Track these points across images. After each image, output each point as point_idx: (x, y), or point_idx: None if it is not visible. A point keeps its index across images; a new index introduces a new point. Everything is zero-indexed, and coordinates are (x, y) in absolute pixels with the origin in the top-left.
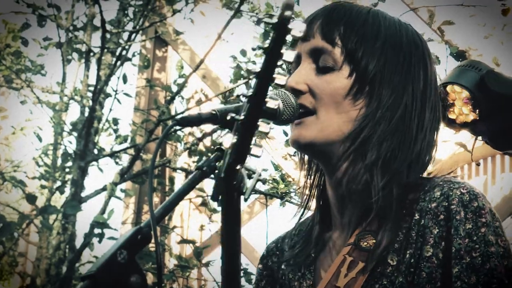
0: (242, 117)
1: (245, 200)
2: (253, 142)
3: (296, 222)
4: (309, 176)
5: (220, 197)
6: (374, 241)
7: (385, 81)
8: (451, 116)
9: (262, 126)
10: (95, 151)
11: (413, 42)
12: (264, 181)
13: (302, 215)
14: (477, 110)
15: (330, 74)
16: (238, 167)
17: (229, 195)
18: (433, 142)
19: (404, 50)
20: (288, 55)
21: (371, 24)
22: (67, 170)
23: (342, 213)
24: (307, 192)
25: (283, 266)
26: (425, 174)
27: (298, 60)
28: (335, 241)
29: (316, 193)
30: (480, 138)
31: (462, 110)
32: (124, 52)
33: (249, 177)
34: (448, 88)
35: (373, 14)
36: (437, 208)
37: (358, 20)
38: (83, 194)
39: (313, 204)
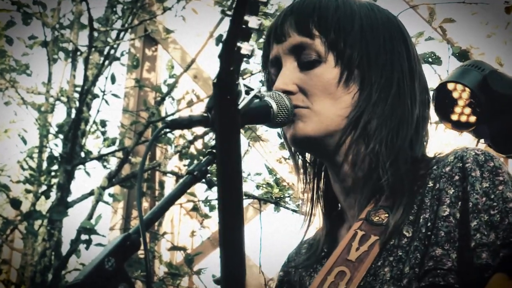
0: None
1: (239, 112)
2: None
3: (304, 231)
4: (307, 183)
5: (213, 110)
6: (386, 215)
7: (372, 63)
8: (453, 117)
9: (251, 21)
10: (82, 154)
11: (387, 19)
12: (261, 98)
13: (309, 223)
14: (479, 111)
15: (317, 67)
16: (231, 68)
17: (223, 106)
18: (427, 114)
19: (381, 28)
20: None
21: (343, 8)
22: (53, 174)
23: (352, 203)
24: (309, 198)
25: (299, 269)
26: None
27: (277, 63)
28: (345, 233)
29: (318, 196)
30: (482, 141)
31: (464, 111)
32: (112, 51)
33: (247, 93)
34: (451, 86)
35: None
36: (452, 170)
37: (329, 7)
38: (69, 199)
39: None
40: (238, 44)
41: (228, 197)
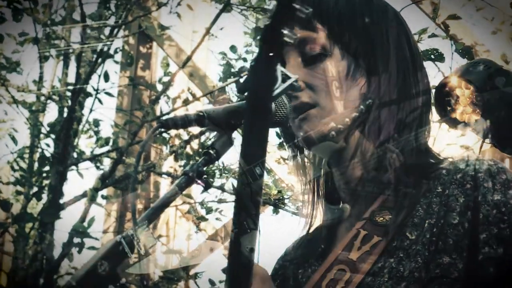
0: None
1: (273, 99)
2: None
3: (305, 231)
4: (307, 182)
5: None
6: (390, 216)
7: (377, 54)
8: (453, 115)
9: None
10: (75, 155)
11: (385, 8)
12: (297, 87)
13: (310, 224)
14: (482, 110)
15: (323, 62)
16: (270, 54)
17: (257, 91)
18: (430, 104)
19: (381, 18)
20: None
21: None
22: (44, 175)
23: (356, 201)
24: (310, 198)
25: (294, 263)
26: None
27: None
28: (346, 230)
29: (318, 195)
30: (487, 140)
31: (466, 109)
32: (105, 49)
33: (284, 81)
34: (455, 82)
35: None
36: (463, 177)
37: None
38: (61, 201)
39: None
40: (282, 30)
41: (250, 178)
